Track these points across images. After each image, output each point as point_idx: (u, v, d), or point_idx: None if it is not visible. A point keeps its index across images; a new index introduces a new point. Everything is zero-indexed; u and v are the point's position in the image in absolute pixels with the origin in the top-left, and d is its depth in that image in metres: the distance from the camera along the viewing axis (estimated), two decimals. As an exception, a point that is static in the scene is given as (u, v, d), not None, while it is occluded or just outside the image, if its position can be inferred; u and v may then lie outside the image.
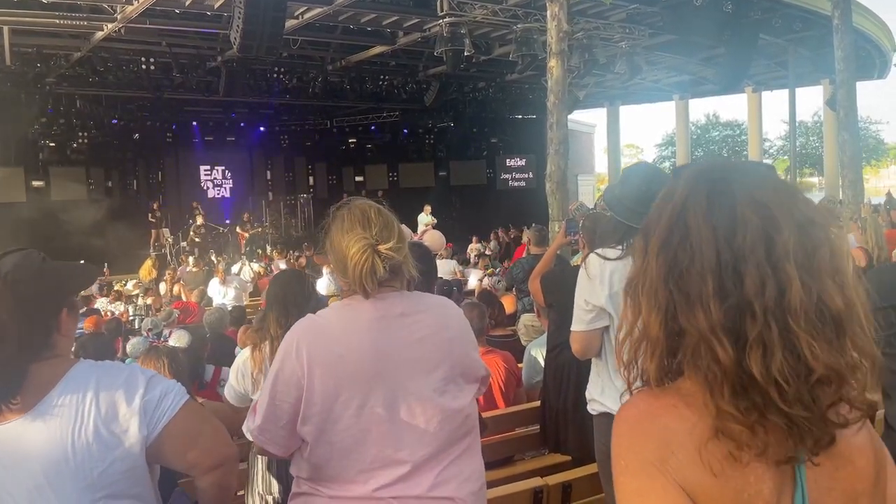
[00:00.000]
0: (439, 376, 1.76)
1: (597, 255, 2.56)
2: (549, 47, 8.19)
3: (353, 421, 1.70)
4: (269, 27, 10.93)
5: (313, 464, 1.75)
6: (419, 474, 1.72)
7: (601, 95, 22.84)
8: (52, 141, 18.02)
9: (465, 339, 1.88)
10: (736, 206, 0.95)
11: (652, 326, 1.00)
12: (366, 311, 1.74)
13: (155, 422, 1.50)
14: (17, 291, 1.47)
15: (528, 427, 4.13)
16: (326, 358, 1.71)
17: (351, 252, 1.71)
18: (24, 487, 1.43)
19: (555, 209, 8.10)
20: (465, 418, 1.80)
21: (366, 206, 1.82)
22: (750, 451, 0.92)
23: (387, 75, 19.22)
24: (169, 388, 1.55)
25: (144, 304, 10.89)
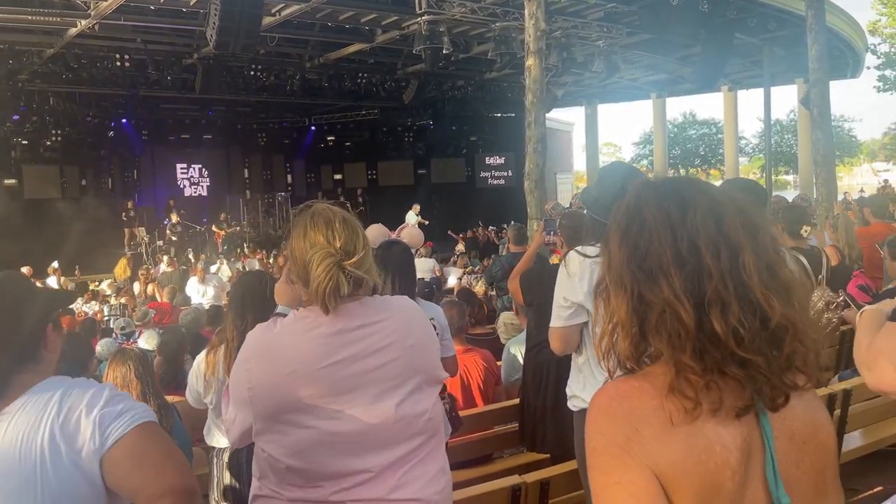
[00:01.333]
0: (400, 384, 1.74)
1: (577, 252, 2.58)
2: (526, 46, 8.21)
3: (309, 434, 1.67)
4: (246, 24, 10.85)
5: (272, 468, 1.73)
6: (381, 479, 1.70)
7: (579, 94, 22.96)
8: (25, 139, 17.74)
9: (427, 343, 1.85)
10: (683, 192, 1.08)
11: (620, 309, 1.08)
12: (322, 325, 1.70)
13: (107, 435, 1.42)
14: (6, 303, 1.49)
15: (507, 425, 4.15)
16: (273, 378, 1.68)
17: (315, 270, 1.66)
18: None
19: (533, 207, 8.12)
20: (427, 421, 1.78)
21: (329, 213, 1.75)
22: (705, 405, 0.99)
23: (365, 73, 19.15)
24: (132, 406, 1.48)
25: (119, 304, 10.75)
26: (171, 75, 16.43)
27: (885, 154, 45.09)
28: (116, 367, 3.21)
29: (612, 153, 52.39)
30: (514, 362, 4.39)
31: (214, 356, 2.88)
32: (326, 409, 1.67)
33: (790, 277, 1.05)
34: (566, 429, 2.90)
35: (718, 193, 1.08)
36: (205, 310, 7.97)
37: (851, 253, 5.77)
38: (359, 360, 1.70)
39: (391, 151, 23.86)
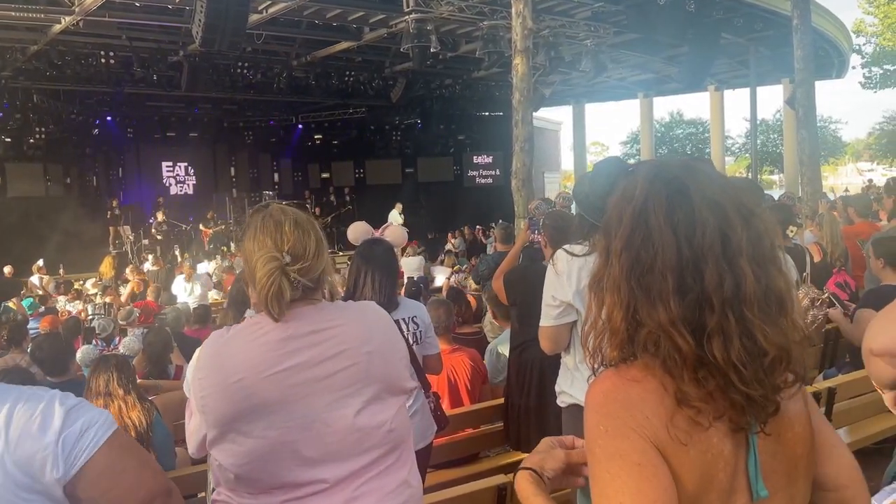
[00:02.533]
0: (356, 392, 1.67)
1: (564, 251, 2.58)
2: (514, 44, 8.21)
3: (258, 444, 1.61)
4: (232, 21, 10.76)
5: (225, 477, 1.68)
6: (335, 491, 1.64)
7: (567, 93, 23.01)
8: (8, 136, 17.48)
9: (389, 350, 1.77)
10: (694, 208, 1.04)
11: (615, 319, 1.08)
12: (271, 332, 1.64)
13: (73, 461, 1.32)
14: None
15: (493, 424, 4.14)
16: (222, 386, 1.62)
17: (258, 273, 1.61)
18: None
19: (520, 206, 8.12)
20: (386, 433, 1.71)
21: (281, 216, 1.69)
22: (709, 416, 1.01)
23: (353, 71, 19.08)
24: (92, 419, 1.37)
25: (103, 303, 10.65)
26: (156, 73, 16.29)
27: (869, 154, 45.51)
28: (99, 375, 3.16)
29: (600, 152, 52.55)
30: (498, 362, 4.39)
31: None
32: (276, 417, 1.61)
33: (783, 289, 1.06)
34: (550, 428, 2.90)
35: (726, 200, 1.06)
36: (188, 308, 7.90)
37: (835, 251, 5.82)
38: (310, 367, 1.64)
39: (379, 150, 23.80)
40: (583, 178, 2.94)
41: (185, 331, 6.66)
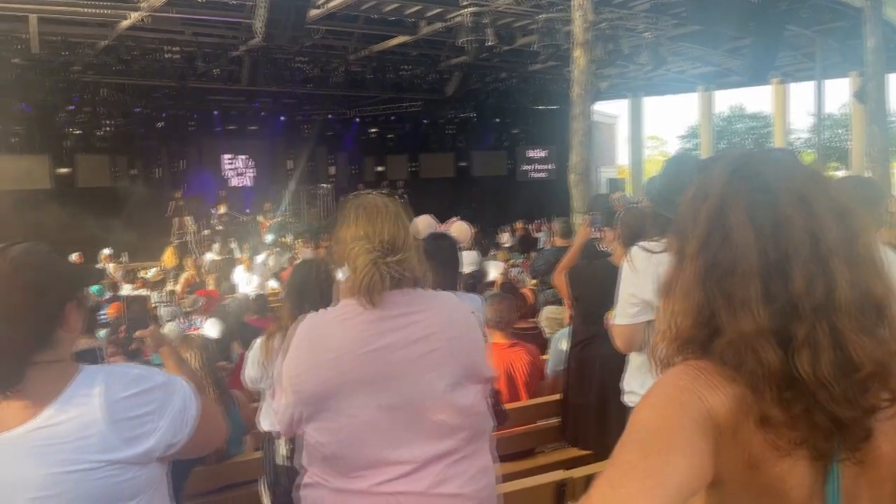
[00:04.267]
0: (441, 375, 1.73)
1: (641, 248, 2.53)
2: (573, 37, 8.12)
3: (351, 420, 1.69)
4: (293, 16, 10.97)
5: (317, 456, 1.75)
6: (422, 471, 1.70)
7: (623, 86, 22.64)
8: (78, 129, 18.17)
9: (470, 338, 1.82)
10: (777, 205, 0.94)
11: (686, 327, 0.99)
12: (364, 313, 1.71)
13: (175, 440, 1.45)
14: (25, 277, 1.41)
15: (549, 420, 4.13)
16: (318, 361, 1.71)
17: (356, 263, 1.68)
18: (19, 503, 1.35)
19: (577, 201, 8.04)
20: (470, 417, 1.77)
21: (376, 206, 1.76)
22: (790, 442, 0.92)
23: (408, 65, 19.16)
24: (185, 395, 1.49)
25: (167, 292, 10.99)
26: (218, 67, 16.67)
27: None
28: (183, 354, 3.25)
29: (657, 147, 51.60)
30: (561, 354, 4.37)
31: (271, 343, 2.93)
32: (367, 397, 1.68)
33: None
34: (611, 426, 2.88)
35: (813, 196, 0.96)
36: (250, 298, 8.10)
37: (908, 252, 5.59)
38: (399, 348, 1.71)
39: (433, 144, 23.85)
40: (654, 175, 2.89)
41: (247, 320, 6.83)
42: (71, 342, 1.50)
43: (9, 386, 1.36)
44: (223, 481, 3.44)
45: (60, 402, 1.37)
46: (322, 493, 1.75)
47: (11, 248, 1.44)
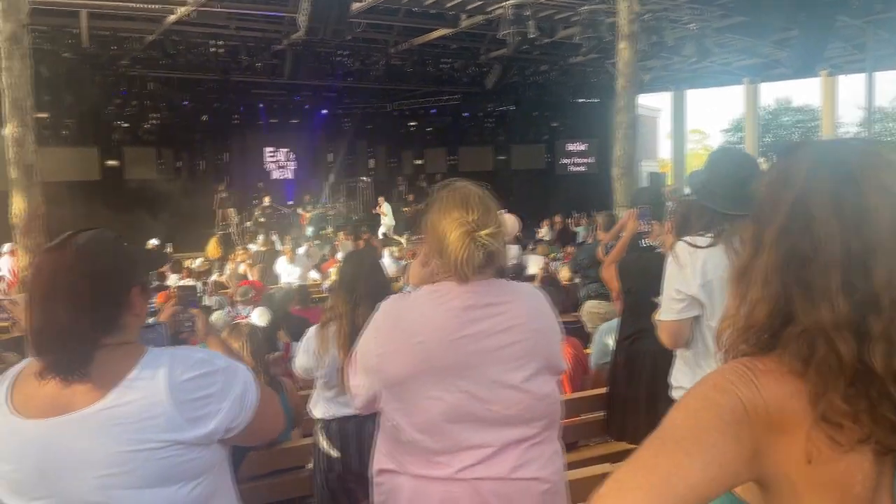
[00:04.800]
0: (523, 366, 1.76)
1: (686, 243, 2.50)
2: (618, 29, 8.03)
3: (434, 404, 1.71)
4: (336, 10, 11.06)
5: (397, 441, 1.78)
6: (500, 456, 1.72)
7: (667, 79, 22.30)
8: (126, 122, 18.59)
9: (551, 331, 1.86)
10: (862, 196, 0.93)
11: (758, 314, 0.98)
12: (454, 299, 1.74)
13: (236, 423, 1.48)
14: (91, 263, 1.45)
15: (593, 413, 4.12)
16: (403, 345, 1.73)
17: (450, 238, 1.71)
18: (88, 482, 1.39)
19: (620, 195, 7.96)
20: (549, 406, 1.81)
21: (467, 189, 1.80)
22: (853, 437, 0.89)
23: (448, 58, 19.16)
24: (246, 381, 1.52)
25: (212, 282, 11.20)
26: (261, 61, 16.88)
27: None
28: (231, 341, 3.30)
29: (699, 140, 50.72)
30: (605, 348, 4.36)
31: (326, 332, 2.97)
32: (452, 381, 1.71)
33: None
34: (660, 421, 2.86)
35: None
36: (293, 288, 8.22)
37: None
38: (486, 336, 1.73)
39: (472, 137, 23.81)
40: (698, 168, 2.85)
41: (291, 310, 6.93)
42: (137, 326, 1.54)
43: (76, 370, 1.40)
44: (272, 466, 3.51)
45: (127, 383, 1.42)
46: (400, 480, 1.78)
47: (77, 237, 1.48)
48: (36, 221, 6.09)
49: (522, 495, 1.74)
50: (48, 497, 1.40)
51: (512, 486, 1.72)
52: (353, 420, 3.02)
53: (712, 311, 2.47)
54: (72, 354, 1.39)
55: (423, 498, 1.74)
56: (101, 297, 1.44)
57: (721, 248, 2.43)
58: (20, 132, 6.06)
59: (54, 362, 1.40)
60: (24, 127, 6.08)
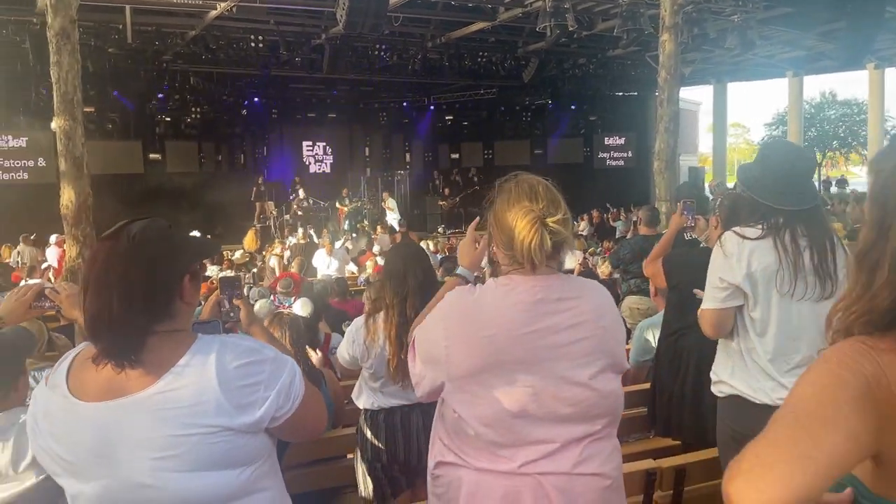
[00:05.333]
0: (590, 362, 1.75)
1: (735, 233, 2.47)
2: (661, 21, 7.91)
3: (500, 398, 1.70)
4: (375, 4, 11.06)
5: (459, 433, 1.77)
6: (564, 451, 1.72)
7: (708, 72, 21.92)
8: (168, 116, 18.97)
9: (616, 328, 1.85)
10: None
11: (881, 297, 1.00)
12: (524, 293, 1.73)
13: (282, 412, 1.50)
14: (144, 251, 1.47)
15: (633, 409, 4.08)
16: (471, 339, 1.72)
17: (519, 225, 1.70)
18: (141, 464, 1.43)
19: (662, 189, 7.84)
20: (613, 403, 1.80)
21: (533, 180, 1.80)
22: None
23: (485, 52, 19.08)
24: (294, 372, 1.54)
25: (252, 274, 11.36)
26: (300, 56, 17.02)
27: None
28: (273, 330, 3.32)
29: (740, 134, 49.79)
30: (645, 345, 4.31)
31: (374, 322, 2.99)
32: (519, 376, 1.70)
33: None
34: (706, 416, 2.82)
35: None
36: (333, 281, 8.30)
37: None
38: (555, 332, 1.72)
39: (508, 131, 23.73)
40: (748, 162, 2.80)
41: (330, 302, 7.00)
42: (189, 313, 1.57)
43: (128, 356, 1.43)
44: (313, 456, 3.55)
45: (178, 369, 1.45)
46: (461, 473, 1.77)
47: (132, 225, 1.52)
48: (84, 212, 6.24)
49: (584, 491, 1.73)
50: (102, 478, 1.44)
51: (574, 482, 1.72)
52: (400, 410, 3.04)
53: (755, 302, 2.45)
54: (125, 341, 1.43)
55: (485, 491, 1.73)
56: (154, 284, 1.47)
57: (770, 242, 2.41)
58: (70, 125, 6.20)
59: (108, 348, 1.43)
60: (73, 120, 6.22)
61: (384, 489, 3.08)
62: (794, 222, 2.40)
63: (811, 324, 2.39)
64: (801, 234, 2.40)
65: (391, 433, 3.04)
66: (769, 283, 2.41)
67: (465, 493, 1.75)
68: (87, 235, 6.30)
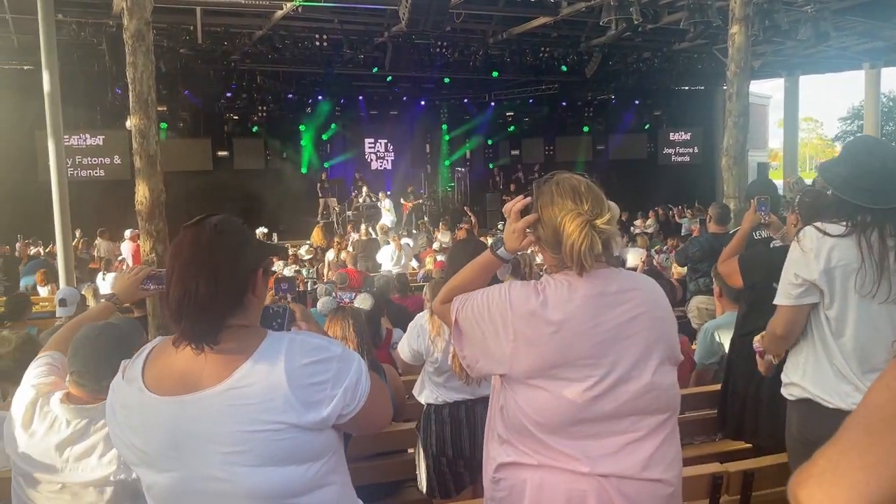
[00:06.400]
0: (650, 354, 1.73)
1: (816, 228, 2.38)
2: (730, 12, 7.68)
3: (565, 395, 1.69)
4: (437, 1, 11.09)
5: (521, 433, 1.75)
6: (631, 453, 1.70)
7: (779, 65, 21.18)
8: (236, 114, 19.48)
9: (672, 320, 1.83)
10: None
11: None
12: (582, 288, 1.71)
13: (350, 409, 1.52)
14: (226, 240, 1.53)
15: (699, 411, 3.99)
16: (536, 336, 1.70)
17: (568, 229, 1.68)
18: (212, 457, 1.46)
19: (730, 186, 7.62)
20: (673, 396, 1.78)
21: (573, 180, 1.78)
22: None
23: (547, 47, 18.88)
24: (360, 370, 1.56)
25: (315, 269, 11.58)
26: (363, 54, 17.22)
27: None
28: (336, 323, 3.40)
29: (813, 129, 47.97)
30: (711, 346, 4.21)
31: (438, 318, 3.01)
32: (584, 370, 1.69)
33: None
34: (782, 418, 2.74)
35: None
36: (394, 276, 8.37)
37: None
38: (616, 325, 1.71)
39: (570, 127, 23.46)
40: (831, 160, 2.70)
41: (392, 297, 7.07)
42: (257, 309, 1.61)
43: (208, 340, 1.47)
44: (373, 450, 3.59)
45: (249, 365, 1.48)
46: (524, 475, 1.75)
47: (211, 218, 1.58)
48: (157, 208, 6.46)
49: (648, 497, 1.71)
50: (175, 470, 1.48)
51: (638, 487, 1.69)
52: (464, 405, 3.05)
53: (831, 301, 2.36)
54: (207, 322, 1.47)
55: (549, 493, 1.71)
56: (237, 269, 1.52)
57: (853, 239, 2.32)
58: (144, 124, 6.43)
59: (189, 330, 1.48)
60: (147, 119, 6.45)
61: (448, 484, 3.09)
62: (883, 221, 2.31)
63: (892, 326, 2.30)
64: (889, 234, 2.31)
65: (456, 428, 3.05)
66: (847, 282, 2.32)
67: (530, 496, 1.73)
68: (160, 230, 6.51)
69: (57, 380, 2.21)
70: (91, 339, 2.17)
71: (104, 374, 2.07)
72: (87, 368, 2.12)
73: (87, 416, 2.11)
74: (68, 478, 2.08)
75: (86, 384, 2.12)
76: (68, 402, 2.13)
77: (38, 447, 2.10)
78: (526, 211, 1.83)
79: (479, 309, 1.79)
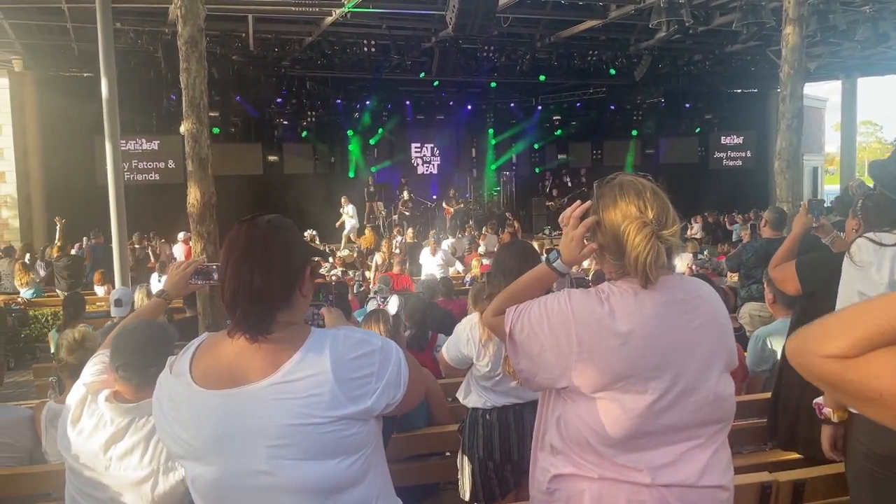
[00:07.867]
0: (714, 363, 1.69)
1: (869, 239, 2.30)
2: (784, 13, 7.49)
3: (630, 406, 1.64)
4: (484, 6, 11.10)
5: (580, 442, 1.71)
6: (689, 462, 1.66)
7: (836, 66, 20.60)
8: (286, 119, 19.83)
9: (730, 327, 1.79)
10: None
11: None
12: (648, 297, 1.66)
13: (393, 400, 1.56)
14: (279, 235, 1.57)
15: (748, 420, 3.90)
16: (602, 348, 1.65)
17: (634, 240, 1.63)
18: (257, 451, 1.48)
19: (783, 190, 7.43)
20: (731, 406, 1.74)
21: (638, 184, 1.72)
22: None
23: (596, 50, 18.71)
24: (399, 359, 1.60)
25: (362, 272, 11.69)
26: (410, 59, 17.34)
27: None
28: (372, 325, 3.48)
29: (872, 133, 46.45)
30: (762, 353, 4.10)
31: None
32: (649, 382, 1.64)
33: None
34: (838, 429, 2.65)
35: None
36: (439, 280, 8.40)
37: None
38: (683, 333, 1.67)
39: (618, 131, 23.18)
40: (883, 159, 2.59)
41: (437, 301, 7.08)
42: (302, 308, 1.63)
43: (261, 331, 1.51)
44: (412, 451, 3.59)
45: (296, 360, 1.51)
46: (581, 486, 1.70)
47: (264, 216, 1.62)
48: (209, 211, 6.59)
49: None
50: (221, 462, 1.51)
51: (698, 494, 1.66)
52: (513, 409, 3.02)
53: None
54: (262, 312, 1.51)
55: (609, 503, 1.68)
56: (290, 262, 1.56)
57: None
58: (196, 128, 6.57)
59: (243, 318, 1.52)
60: (199, 124, 6.59)
61: (493, 489, 3.06)
62: None
63: None
64: None
65: (505, 432, 3.02)
66: None
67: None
68: (211, 232, 6.64)
69: (109, 378, 2.27)
70: (127, 331, 2.26)
71: (146, 363, 2.14)
72: (129, 360, 2.18)
73: (129, 414, 2.17)
74: (112, 476, 2.13)
75: (131, 377, 2.18)
76: (114, 400, 2.20)
77: (86, 445, 2.16)
78: (584, 217, 1.76)
79: (536, 319, 1.72)
